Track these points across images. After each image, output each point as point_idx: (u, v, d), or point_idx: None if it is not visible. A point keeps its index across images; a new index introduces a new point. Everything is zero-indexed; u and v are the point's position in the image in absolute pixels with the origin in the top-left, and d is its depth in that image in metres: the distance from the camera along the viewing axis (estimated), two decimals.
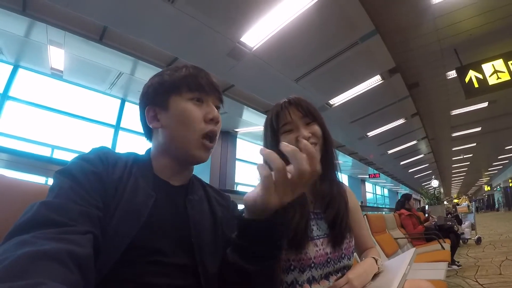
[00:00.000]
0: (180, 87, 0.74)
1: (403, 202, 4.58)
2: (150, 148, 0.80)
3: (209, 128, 0.74)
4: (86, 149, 0.70)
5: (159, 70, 0.81)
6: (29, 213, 0.48)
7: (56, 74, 5.52)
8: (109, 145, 6.23)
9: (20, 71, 5.42)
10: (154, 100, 0.76)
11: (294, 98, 1.01)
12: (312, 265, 0.90)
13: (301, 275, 0.89)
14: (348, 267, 0.97)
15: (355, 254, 1.08)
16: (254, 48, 4.37)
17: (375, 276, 0.91)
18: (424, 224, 4.28)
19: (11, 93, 5.30)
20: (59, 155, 5.55)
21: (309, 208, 0.97)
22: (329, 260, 0.93)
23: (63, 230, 0.46)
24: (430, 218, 4.74)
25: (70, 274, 0.39)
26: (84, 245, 0.46)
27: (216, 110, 0.76)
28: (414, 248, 0.91)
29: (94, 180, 0.61)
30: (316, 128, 0.97)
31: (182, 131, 0.72)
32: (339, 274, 0.94)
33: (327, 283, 0.91)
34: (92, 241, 0.50)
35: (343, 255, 0.97)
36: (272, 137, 0.99)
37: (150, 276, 0.60)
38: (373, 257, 0.96)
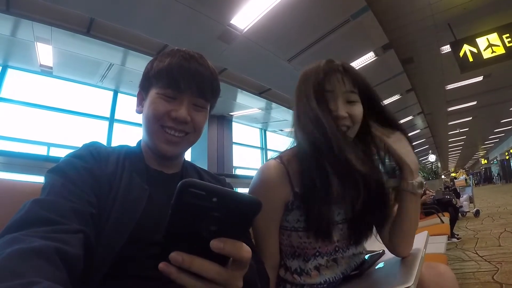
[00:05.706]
0: (157, 80, 0.72)
1: None
2: (141, 139, 0.80)
3: (169, 125, 0.70)
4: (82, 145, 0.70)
5: (150, 59, 0.79)
6: (21, 211, 0.47)
7: (46, 71, 5.43)
8: (105, 138, 6.17)
9: (9, 71, 5.32)
10: (142, 85, 0.77)
11: (347, 64, 0.83)
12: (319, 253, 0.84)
13: (305, 264, 0.84)
14: (357, 255, 0.89)
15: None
16: (245, 30, 4.31)
17: (389, 259, 0.85)
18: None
19: (2, 94, 5.21)
20: (55, 152, 5.52)
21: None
22: (337, 248, 0.84)
23: (54, 228, 0.45)
24: (428, 192, 4.78)
25: (58, 272, 0.38)
26: (74, 244, 0.45)
27: (184, 111, 0.70)
28: (426, 231, 0.89)
29: (86, 176, 0.60)
30: (357, 110, 0.81)
31: (146, 122, 0.72)
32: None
33: (335, 266, 0.85)
34: (82, 240, 0.49)
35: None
36: (316, 99, 0.79)
37: (151, 270, 0.57)
38: None
